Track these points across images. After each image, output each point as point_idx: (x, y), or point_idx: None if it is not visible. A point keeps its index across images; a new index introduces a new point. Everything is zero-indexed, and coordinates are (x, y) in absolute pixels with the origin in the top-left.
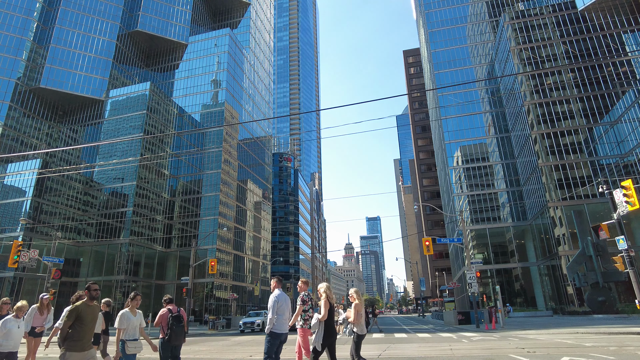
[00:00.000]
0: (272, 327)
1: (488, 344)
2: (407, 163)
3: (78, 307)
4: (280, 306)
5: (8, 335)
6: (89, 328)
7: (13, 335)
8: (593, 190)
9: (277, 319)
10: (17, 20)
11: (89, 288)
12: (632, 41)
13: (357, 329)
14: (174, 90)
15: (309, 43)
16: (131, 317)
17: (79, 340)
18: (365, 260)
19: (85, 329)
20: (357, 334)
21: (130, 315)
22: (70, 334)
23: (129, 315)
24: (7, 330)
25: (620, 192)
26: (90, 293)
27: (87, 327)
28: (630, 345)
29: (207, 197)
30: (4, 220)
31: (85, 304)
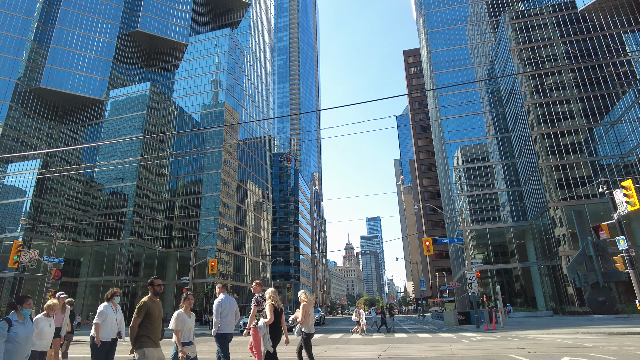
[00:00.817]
0: (218, 330)
1: (488, 344)
2: (407, 163)
3: (146, 302)
4: (224, 309)
5: (41, 334)
6: (158, 324)
7: (45, 334)
8: (593, 190)
9: (222, 321)
10: (17, 20)
11: (152, 283)
12: (632, 41)
13: (305, 329)
14: (174, 90)
15: (309, 43)
16: (186, 319)
17: (152, 335)
18: (365, 261)
19: (155, 324)
20: (306, 333)
21: (186, 317)
22: (142, 331)
23: (184, 317)
24: (40, 329)
25: (620, 192)
26: (154, 289)
27: (156, 323)
28: (630, 345)
29: (207, 197)
30: (4, 220)
31: (151, 299)
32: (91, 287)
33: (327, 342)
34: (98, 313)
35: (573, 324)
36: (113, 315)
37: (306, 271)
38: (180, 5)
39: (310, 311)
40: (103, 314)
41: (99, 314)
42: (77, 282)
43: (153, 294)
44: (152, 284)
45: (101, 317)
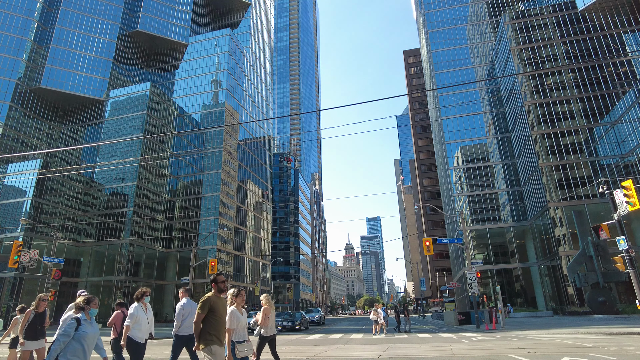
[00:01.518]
0: (177, 331)
1: (488, 344)
2: (407, 163)
3: (210, 297)
4: (185, 313)
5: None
6: (223, 320)
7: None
8: (593, 190)
9: (182, 324)
10: (18, 20)
11: (215, 280)
12: (633, 41)
13: (263, 331)
14: (174, 90)
15: (309, 43)
16: (240, 316)
17: (217, 333)
18: (365, 261)
19: (220, 321)
20: (262, 335)
21: (239, 314)
22: (207, 328)
23: (238, 314)
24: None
25: (620, 192)
26: (218, 285)
27: (221, 320)
28: (630, 345)
29: (208, 197)
30: (4, 220)
31: (215, 295)
32: (91, 287)
33: (327, 342)
34: (129, 315)
35: (573, 324)
36: (144, 316)
37: (306, 271)
38: (181, 6)
39: (270, 314)
40: (134, 316)
41: (130, 316)
42: (77, 282)
43: (217, 291)
44: (216, 280)
45: (132, 319)
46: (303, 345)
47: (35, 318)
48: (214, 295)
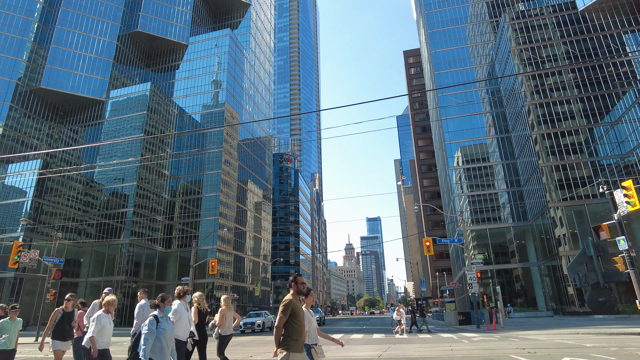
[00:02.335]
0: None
1: (488, 345)
2: (407, 163)
3: (292, 300)
4: (145, 313)
5: (102, 331)
6: (303, 325)
7: (107, 332)
8: (594, 190)
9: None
10: (18, 20)
11: (296, 280)
12: (633, 41)
13: (221, 331)
14: (174, 90)
15: (309, 43)
16: (311, 318)
17: (298, 339)
18: (365, 261)
19: (302, 325)
20: (221, 334)
21: (310, 316)
22: (288, 333)
23: (308, 316)
24: (102, 326)
25: (620, 192)
26: (298, 287)
27: (302, 324)
28: (631, 345)
29: (208, 197)
30: (4, 220)
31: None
32: (91, 288)
33: (327, 343)
34: (172, 311)
35: (573, 324)
36: (186, 314)
37: (306, 271)
38: (181, 6)
39: (227, 315)
40: (178, 313)
41: (174, 312)
42: (78, 283)
43: (297, 292)
44: (296, 281)
45: (176, 316)
46: None
47: (63, 317)
48: (294, 297)
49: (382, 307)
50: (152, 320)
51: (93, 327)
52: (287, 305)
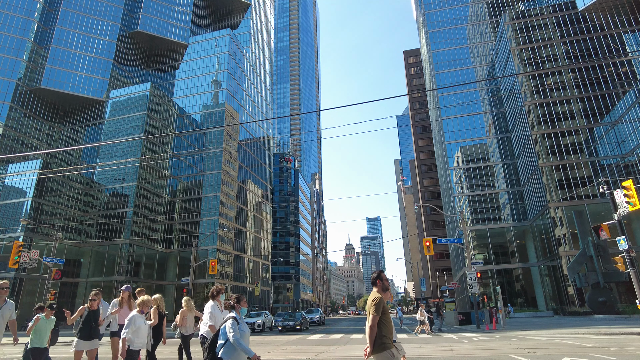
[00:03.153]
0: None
1: (489, 345)
2: (407, 163)
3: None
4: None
5: (138, 332)
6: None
7: (143, 332)
8: (594, 190)
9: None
10: (18, 21)
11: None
12: (633, 41)
13: (183, 331)
14: (174, 90)
15: (309, 44)
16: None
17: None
18: (365, 261)
19: (391, 322)
20: (182, 334)
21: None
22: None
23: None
24: (137, 327)
25: (620, 192)
26: (382, 283)
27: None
28: (631, 345)
29: (208, 197)
30: (4, 220)
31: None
32: (91, 288)
33: (327, 343)
34: (209, 315)
35: (573, 324)
36: (221, 315)
37: (306, 271)
38: (181, 6)
39: (187, 316)
40: (213, 315)
41: (210, 316)
42: (78, 283)
43: (382, 289)
44: (381, 277)
45: (211, 319)
46: (303, 345)
47: (89, 316)
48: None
49: None
50: (233, 322)
51: (128, 327)
52: (378, 303)
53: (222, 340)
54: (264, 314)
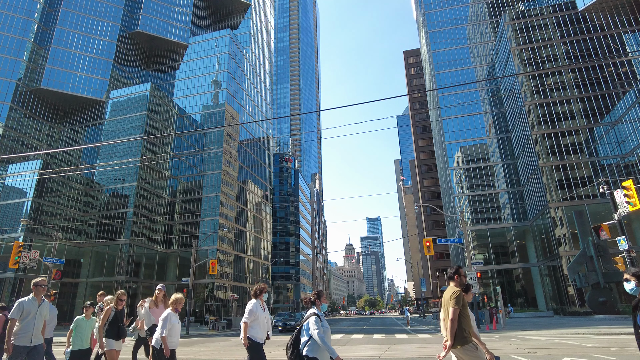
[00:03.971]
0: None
1: (489, 345)
2: (407, 163)
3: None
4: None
5: (172, 330)
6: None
7: (176, 331)
8: (594, 190)
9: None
10: (18, 21)
11: (458, 273)
12: (633, 41)
13: (141, 333)
14: (174, 91)
15: (310, 44)
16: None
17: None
18: (365, 261)
19: (470, 317)
20: (140, 336)
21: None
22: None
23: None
24: (172, 325)
25: (621, 192)
26: (460, 279)
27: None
28: (631, 345)
29: (208, 197)
30: (4, 221)
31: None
32: (92, 288)
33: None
34: (248, 312)
35: (574, 324)
36: (263, 314)
37: (306, 272)
38: (181, 6)
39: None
40: (253, 313)
41: (249, 313)
42: (78, 283)
43: (459, 284)
44: (459, 273)
45: (251, 316)
46: None
47: (116, 316)
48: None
49: (382, 307)
50: (316, 319)
51: (164, 326)
52: (458, 296)
53: (305, 337)
54: None
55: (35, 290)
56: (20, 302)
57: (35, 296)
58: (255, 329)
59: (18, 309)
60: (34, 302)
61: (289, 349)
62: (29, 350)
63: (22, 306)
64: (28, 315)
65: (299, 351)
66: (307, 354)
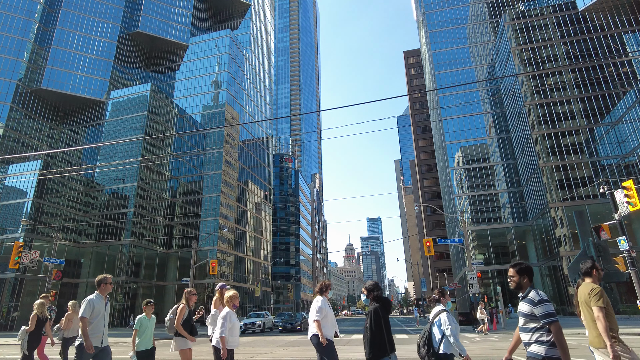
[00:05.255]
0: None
1: (489, 345)
2: (407, 164)
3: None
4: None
5: (233, 330)
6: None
7: (236, 330)
8: (594, 190)
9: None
10: (18, 21)
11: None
12: (633, 41)
13: (65, 334)
14: (174, 91)
15: (310, 44)
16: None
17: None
18: (366, 261)
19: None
20: (64, 337)
21: None
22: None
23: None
24: (232, 324)
25: (621, 192)
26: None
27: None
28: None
29: (208, 198)
30: (5, 221)
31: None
32: (92, 288)
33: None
34: (317, 309)
35: (574, 324)
36: (330, 311)
37: (307, 272)
38: (181, 6)
39: (72, 319)
40: (323, 310)
41: (319, 310)
42: (78, 283)
43: (597, 280)
44: (596, 267)
45: (321, 313)
46: (304, 346)
47: (190, 314)
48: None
49: None
50: (448, 315)
51: (224, 326)
52: (601, 292)
53: (439, 334)
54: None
55: (101, 287)
56: (90, 300)
57: (100, 293)
58: (325, 326)
59: (89, 307)
60: (101, 300)
61: (423, 347)
62: (98, 352)
63: (92, 304)
64: (98, 314)
65: (434, 349)
66: (445, 351)
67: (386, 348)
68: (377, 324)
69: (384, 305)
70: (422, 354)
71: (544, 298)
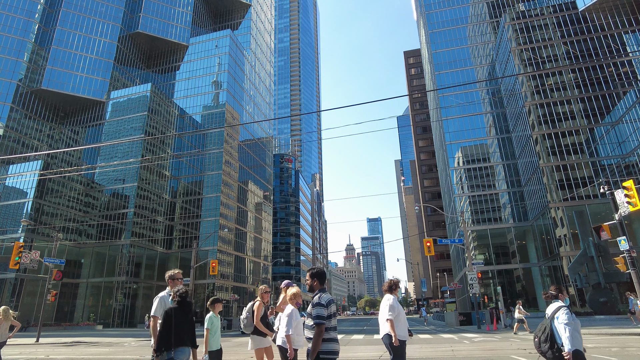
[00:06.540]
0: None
1: (489, 345)
2: (408, 164)
3: None
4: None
5: (298, 328)
6: None
7: (300, 329)
8: (594, 190)
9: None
10: (19, 22)
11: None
12: (633, 41)
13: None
14: (174, 91)
15: (310, 44)
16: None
17: None
18: (366, 261)
19: None
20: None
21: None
22: None
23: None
24: (297, 322)
25: (621, 192)
26: None
27: None
28: (632, 346)
29: (208, 198)
30: (5, 221)
31: None
32: (92, 288)
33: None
34: (389, 307)
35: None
36: (402, 310)
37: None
38: (181, 7)
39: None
40: (395, 309)
41: (391, 309)
42: (78, 284)
43: None
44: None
45: (394, 312)
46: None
47: (265, 312)
48: None
49: None
50: (567, 311)
51: (289, 324)
52: None
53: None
54: None
55: (172, 283)
56: (162, 297)
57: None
58: (398, 326)
59: (160, 305)
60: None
61: (545, 342)
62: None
63: (164, 302)
64: None
65: (557, 345)
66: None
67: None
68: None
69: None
70: (543, 349)
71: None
